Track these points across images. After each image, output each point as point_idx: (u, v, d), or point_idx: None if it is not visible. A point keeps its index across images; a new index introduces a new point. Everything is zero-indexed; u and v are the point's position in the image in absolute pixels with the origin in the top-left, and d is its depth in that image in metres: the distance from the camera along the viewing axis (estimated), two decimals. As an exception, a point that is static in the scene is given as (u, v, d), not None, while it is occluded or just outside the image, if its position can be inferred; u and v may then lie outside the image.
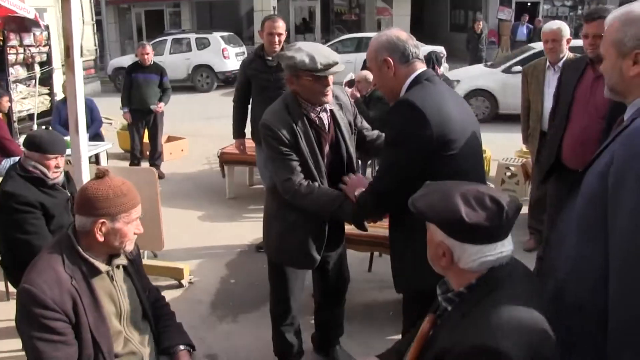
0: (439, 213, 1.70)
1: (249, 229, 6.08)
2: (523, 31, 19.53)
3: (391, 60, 2.54)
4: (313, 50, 2.87)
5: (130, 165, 8.11)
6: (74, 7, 4.49)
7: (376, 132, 3.37)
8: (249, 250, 5.62)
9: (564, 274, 1.87)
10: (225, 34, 18.98)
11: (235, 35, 19.81)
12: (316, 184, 2.94)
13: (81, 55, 4.86)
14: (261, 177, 5.77)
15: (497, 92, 11.48)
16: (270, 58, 5.08)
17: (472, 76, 12.11)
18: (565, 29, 4.73)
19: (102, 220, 2.22)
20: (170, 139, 9.44)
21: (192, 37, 18.41)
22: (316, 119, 3.02)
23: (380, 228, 3.74)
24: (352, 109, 3.22)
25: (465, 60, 17.76)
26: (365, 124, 3.37)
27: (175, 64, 16.93)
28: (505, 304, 1.62)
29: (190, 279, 4.85)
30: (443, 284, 1.89)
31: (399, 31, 2.62)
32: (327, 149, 3.06)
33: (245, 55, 19.29)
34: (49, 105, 9.18)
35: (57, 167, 3.51)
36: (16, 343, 3.75)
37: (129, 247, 2.35)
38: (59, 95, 8.66)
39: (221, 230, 6.17)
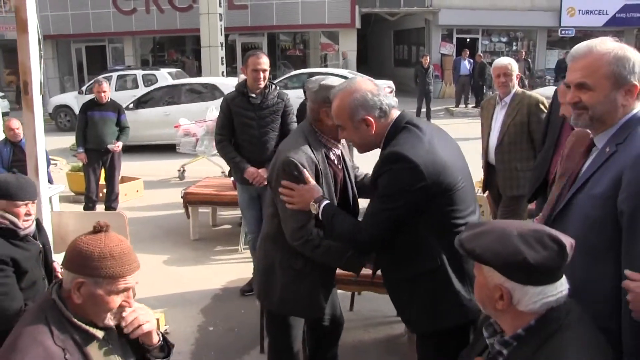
0: (499, 255, 1.65)
1: (218, 272, 5.87)
2: (466, 66, 20.08)
3: (371, 119, 2.43)
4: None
5: (85, 209, 7.72)
6: (31, 40, 4.19)
7: (363, 171, 3.27)
8: (223, 294, 5.37)
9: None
10: (172, 70, 18.72)
11: (182, 72, 19.57)
12: (321, 232, 2.75)
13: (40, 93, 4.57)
14: (244, 219, 5.43)
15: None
16: (254, 95, 4.84)
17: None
18: (515, 65, 4.94)
19: (81, 280, 1.92)
20: (124, 179, 9.04)
21: (139, 73, 18.02)
22: (335, 158, 2.94)
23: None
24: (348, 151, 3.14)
25: (413, 94, 18.12)
26: (355, 163, 3.28)
27: (122, 102, 16.33)
28: (574, 347, 1.61)
29: (166, 329, 4.54)
30: (489, 325, 1.84)
31: (366, 83, 2.50)
32: (338, 187, 2.95)
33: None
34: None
35: (27, 214, 3.13)
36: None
37: (111, 322, 2.02)
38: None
39: (190, 274, 5.88)
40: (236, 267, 5.95)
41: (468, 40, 24.46)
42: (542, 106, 4.74)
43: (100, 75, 17.77)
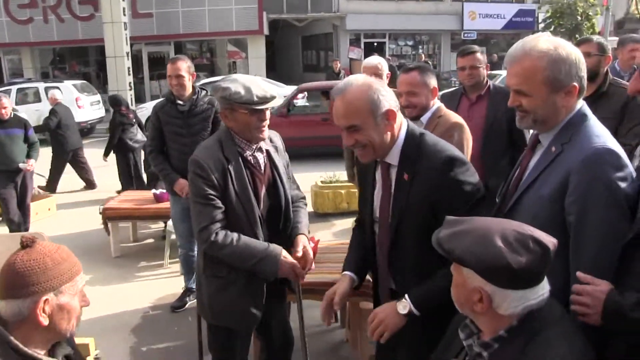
0: (480, 259, 1.57)
1: (145, 289, 5.69)
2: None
3: (395, 111, 2.23)
4: (250, 82, 2.73)
5: (11, 232, 7.09)
6: None
7: (298, 192, 3.17)
8: (153, 312, 5.19)
9: None
10: (77, 82, 17.94)
11: (88, 84, 18.86)
12: (235, 234, 2.73)
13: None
14: (176, 232, 5.27)
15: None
16: (181, 102, 4.71)
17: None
18: (385, 65, 4.83)
19: (44, 298, 1.74)
20: (34, 197, 8.56)
21: (41, 86, 17.02)
22: (251, 157, 2.85)
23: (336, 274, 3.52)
24: (285, 155, 3.08)
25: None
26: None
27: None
28: (563, 341, 1.58)
29: (97, 354, 4.33)
30: (465, 327, 1.78)
31: (365, 76, 2.29)
32: (263, 191, 2.87)
33: (100, 105, 18.65)
34: None
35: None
36: None
37: (74, 331, 1.87)
38: None
39: (117, 293, 5.65)
40: (163, 283, 5.80)
41: (375, 44, 25.09)
42: None
43: (-2, 89, 16.91)
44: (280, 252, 2.77)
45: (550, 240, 1.62)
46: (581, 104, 2.04)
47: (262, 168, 2.89)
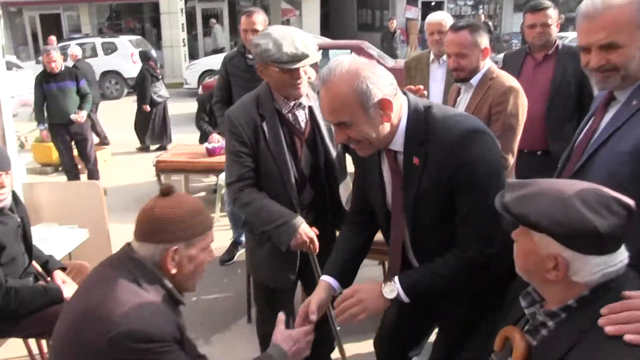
0: (562, 224, 1.43)
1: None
2: (431, 29, 19.90)
3: (390, 100, 1.86)
4: (283, 37, 2.55)
5: (69, 181, 7.29)
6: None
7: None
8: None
9: None
10: (133, 37, 18.18)
11: (143, 39, 19.01)
12: (260, 195, 2.68)
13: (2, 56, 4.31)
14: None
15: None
16: (250, 56, 4.54)
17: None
18: (450, 22, 4.44)
19: (175, 247, 1.82)
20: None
21: (98, 41, 17.42)
22: (289, 115, 2.74)
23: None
24: None
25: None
26: None
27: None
28: None
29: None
30: (527, 294, 1.66)
31: (358, 58, 1.90)
32: (302, 150, 2.76)
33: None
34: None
35: (2, 187, 2.94)
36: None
37: (194, 287, 1.96)
38: None
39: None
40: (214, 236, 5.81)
41: (433, 3, 24.31)
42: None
43: (58, 44, 17.23)
44: (300, 225, 2.66)
45: (631, 201, 1.48)
46: None
47: (302, 126, 2.77)
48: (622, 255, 1.48)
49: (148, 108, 9.40)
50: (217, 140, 6.05)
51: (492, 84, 3.20)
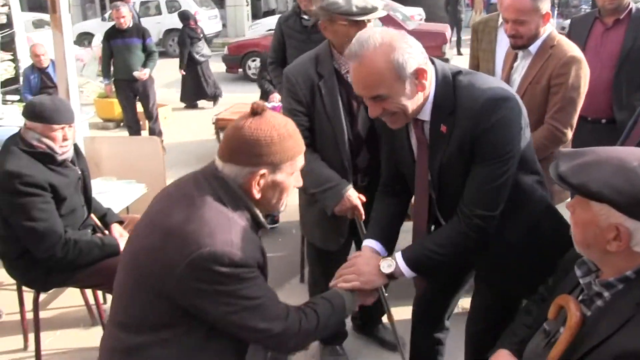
0: (625, 192, 1.38)
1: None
2: (497, -7, 19.29)
3: (425, 69, 1.83)
4: None
5: (130, 135, 7.46)
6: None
7: None
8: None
9: None
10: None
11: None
12: (312, 156, 2.60)
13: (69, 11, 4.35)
14: None
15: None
16: (306, 17, 4.48)
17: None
18: None
19: (262, 171, 1.70)
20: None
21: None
22: (347, 75, 2.64)
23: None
24: None
25: (444, 22, 17.50)
26: None
27: (145, 29, 16.08)
28: None
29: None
30: (583, 264, 1.62)
31: (384, 29, 1.87)
32: (359, 112, 2.69)
33: (218, 19, 18.87)
34: (14, 72, 8.19)
35: (65, 139, 2.98)
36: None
37: (283, 207, 1.87)
38: (24, 62, 7.80)
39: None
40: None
41: (500, -34, 23.44)
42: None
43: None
44: (347, 190, 2.63)
45: None
46: None
47: None
48: None
49: (183, 72, 9.63)
50: (277, 100, 6.00)
51: (552, 53, 2.97)
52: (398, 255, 2.04)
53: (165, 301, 1.65)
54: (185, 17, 9.85)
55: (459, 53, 16.35)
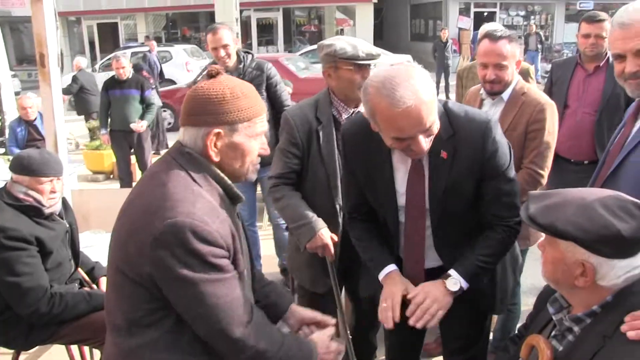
0: (587, 230, 1.48)
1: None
2: (484, 40, 19.68)
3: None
4: (354, 40, 2.67)
5: (122, 188, 7.35)
6: (46, 9, 3.96)
7: None
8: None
9: None
10: (187, 46, 18.54)
11: (198, 48, 19.37)
12: (294, 194, 2.76)
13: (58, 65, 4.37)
14: None
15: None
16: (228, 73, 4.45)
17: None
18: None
19: (217, 130, 1.66)
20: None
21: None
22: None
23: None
24: None
25: (432, 68, 17.78)
26: None
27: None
28: None
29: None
30: (555, 301, 1.73)
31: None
32: None
33: (208, 69, 19.07)
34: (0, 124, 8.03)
35: (52, 192, 2.94)
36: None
37: (253, 176, 1.81)
38: (9, 114, 7.59)
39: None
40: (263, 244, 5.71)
41: (485, 14, 24.15)
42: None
43: (113, 52, 17.66)
44: (320, 229, 2.67)
45: None
46: None
47: None
48: None
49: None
50: None
51: (525, 100, 3.02)
52: (453, 272, 2.12)
53: (146, 291, 1.61)
54: (137, 67, 10.15)
55: (447, 98, 16.54)
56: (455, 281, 2.10)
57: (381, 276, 2.23)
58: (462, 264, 2.14)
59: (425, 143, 1.92)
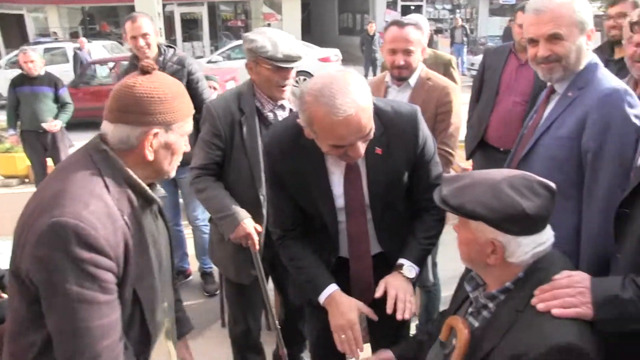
0: (494, 209, 1.56)
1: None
2: (411, 33, 19.95)
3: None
4: (279, 38, 2.65)
5: None
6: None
7: None
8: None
9: None
10: (107, 42, 17.74)
11: (118, 44, 18.58)
12: (216, 185, 2.78)
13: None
14: None
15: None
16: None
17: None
18: (426, 25, 4.09)
19: (155, 131, 1.60)
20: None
21: (69, 46, 16.62)
22: (269, 114, 2.80)
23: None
24: None
25: (359, 62, 17.93)
26: None
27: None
28: None
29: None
30: (471, 279, 1.82)
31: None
32: None
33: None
34: None
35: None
36: None
37: (173, 172, 1.76)
38: None
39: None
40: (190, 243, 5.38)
41: (412, 7, 24.62)
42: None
43: (20, 47, 16.69)
44: (243, 219, 2.71)
45: (552, 184, 1.65)
46: (592, 54, 2.19)
47: None
48: (548, 234, 1.65)
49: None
50: None
51: (431, 85, 3.17)
52: (405, 261, 2.17)
53: (29, 292, 1.51)
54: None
55: (377, 92, 16.63)
56: (410, 269, 2.15)
57: (322, 298, 2.16)
58: (409, 252, 2.20)
59: (363, 148, 1.93)
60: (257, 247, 2.76)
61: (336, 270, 2.26)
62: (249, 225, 2.70)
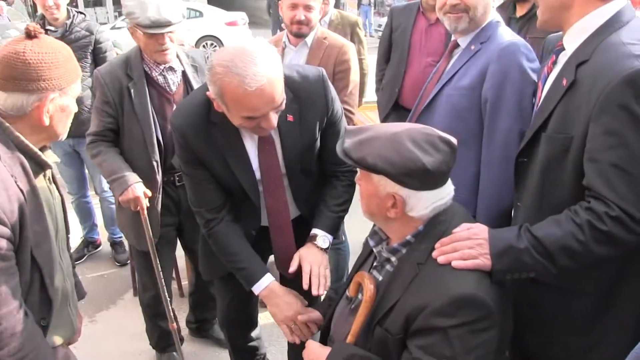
0: (395, 163, 1.54)
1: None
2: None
3: None
4: (149, 1, 2.55)
5: None
6: None
7: None
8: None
9: None
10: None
11: (15, 10, 17.64)
12: (109, 150, 2.77)
13: None
14: (63, 179, 4.75)
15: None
16: (52, 28, 4.02)
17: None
18: None
19: (52, 96, 1.61)
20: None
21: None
22: (159, 77, 2.76)
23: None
24: None
25: (267, 25, 17.77)
26: None
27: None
28: None
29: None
30: (374, 234, 1.81)
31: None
32: (171, 113, 2.68)
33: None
34: None
35: None
36: None
37: (65, 134, 1.77)
38: None
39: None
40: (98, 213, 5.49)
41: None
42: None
43: None
44: (132, 182, 2.68)
45: (453, 139, 1.64)
46: (495, 12, 2.36)
47: (173, 89, 2.79)
48: (448, 189, 1.65)
49: None
50: None
51: (329, 44, 3.18)
52: (318, 231, 2.21)
53: None
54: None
55: (283, 55, 16.61)
56: (323, 239, 2.19)
57: (258, 289, 2.17)
58: (322, 222, 2.23)
59: (275, 119, 1.90)
60: (145, 212, 2.73)
61: (259, 239, 2.27)
62: (138, 189, 2.67)
